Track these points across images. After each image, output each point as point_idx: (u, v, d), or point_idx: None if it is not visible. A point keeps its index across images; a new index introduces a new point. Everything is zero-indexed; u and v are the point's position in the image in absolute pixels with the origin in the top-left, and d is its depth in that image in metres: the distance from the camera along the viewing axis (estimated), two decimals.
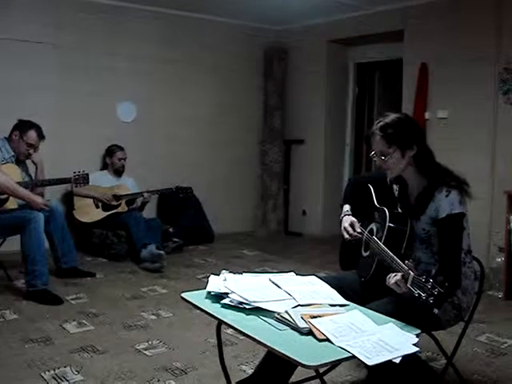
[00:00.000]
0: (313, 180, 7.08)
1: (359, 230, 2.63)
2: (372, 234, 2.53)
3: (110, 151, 5.86)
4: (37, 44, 5.53)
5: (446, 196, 2.28)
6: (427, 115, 5.51)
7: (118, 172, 5.85)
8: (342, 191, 3.05)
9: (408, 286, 1.98)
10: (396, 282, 2.06)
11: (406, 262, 2.05)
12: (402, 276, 2.05)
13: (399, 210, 2.55)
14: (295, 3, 5.92)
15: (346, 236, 2.64)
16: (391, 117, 2.43)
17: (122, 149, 5.85)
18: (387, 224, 2.40)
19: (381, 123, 2.41)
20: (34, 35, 5.51)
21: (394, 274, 2.10)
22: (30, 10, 5.52)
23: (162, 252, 5.14)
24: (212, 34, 6.73)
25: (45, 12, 5.60)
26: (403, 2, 5.71)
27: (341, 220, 2.73)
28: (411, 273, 1.99)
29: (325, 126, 6.94)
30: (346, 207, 2.77)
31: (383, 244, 2.33)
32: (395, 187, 2.60)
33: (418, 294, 1.88)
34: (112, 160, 5.83)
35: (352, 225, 2.64)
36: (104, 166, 5.97)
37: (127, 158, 5.88)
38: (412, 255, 2.41)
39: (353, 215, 2.71)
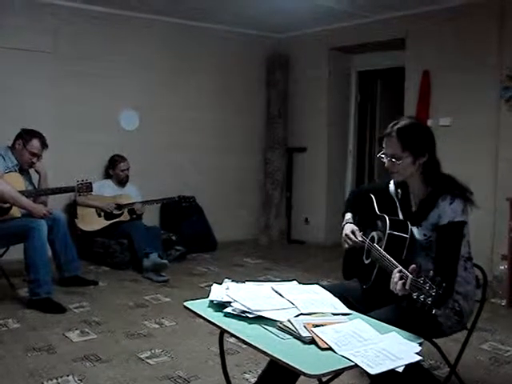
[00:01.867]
0: (315, 188, 7.07)
1: (360, 238, 2.62)
2: (373, 242, 2.53)
3: (113, 162, 5.83)
4: (35, 52, 5.51)
5: (450, 204, 2.28)
6: (430, 123, 5.50)
7: (122, 182, 5.84)
8: (345, 199, 3.04)
9: (407, 288, 1.99)
10: (396, 283, 2.06)
11: (413, 266, 2.04)
12: (401, 278, 2.05)
13: (400, 217, 2.56)
14: (297, 11, 5.93)
15: (349, 242, 2.64)
16: (409, 121, 2.42)
17: (124, 159, 5.84)
18: (387, 231, 2.40)
19: (398, 125, 2.38)
20: (31, 44, 5.49)
21: (394, 278, 2.09)
22: (27, 19, 5.47)
23: (165, 261, 5.12)
24: (214, 42, 6.74)
25: (42, 20, 5.56)
26: (405, 10, 5.72)
27: (342, 228, 2.73)
28: (409, 275, 1.99)
29: (327, 133, 6.94)
30: (348, 215, 2.77)
31: (384, 251, 2.33)
32: (399, 191, 2.60)
33: (417, 295, 1.88)
34: (115, 172, 5.81)
35: (353, 232, 2.64)
36: (107, 177, 5.94)
37: (129, 166, 5.87)
38: (413, 261, 2.40)
39: (355, 224, 2.71)
